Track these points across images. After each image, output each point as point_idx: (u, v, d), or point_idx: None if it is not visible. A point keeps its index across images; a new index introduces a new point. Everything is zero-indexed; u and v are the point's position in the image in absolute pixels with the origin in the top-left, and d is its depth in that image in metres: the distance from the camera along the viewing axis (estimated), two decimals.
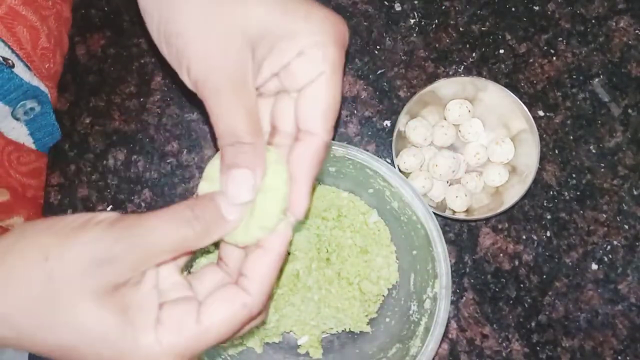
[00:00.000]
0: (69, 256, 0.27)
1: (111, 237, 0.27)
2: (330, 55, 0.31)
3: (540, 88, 0.55)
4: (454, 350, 0.52)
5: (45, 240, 0.27)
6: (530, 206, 0.54)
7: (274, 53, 0.31)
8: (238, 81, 0.30)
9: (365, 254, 0.50)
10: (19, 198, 0.50)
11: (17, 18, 0.44)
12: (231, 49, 0.30)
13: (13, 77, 0.44)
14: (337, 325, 0.50)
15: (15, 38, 0.44)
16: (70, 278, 0.27)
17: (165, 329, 0.28)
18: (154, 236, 0.28)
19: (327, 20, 0.31)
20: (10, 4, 0.43)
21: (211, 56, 0.30)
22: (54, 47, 0.49)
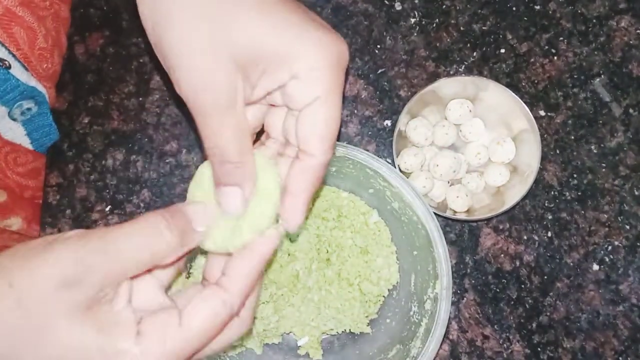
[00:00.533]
0: (35, 279, 0.26)
1: (78, 253, 0.26)
2: (325, 79, 0.30)
3: (541, 88, 0.55)
4: (455, 351, 0.52)
5: (9, 265, 0.26)
6: (531, 206, 0.53)
7: (266, 75, 0.31)
8: (225, 103, 0.30)
9: (366, 254, 0.50)
10: (16, 199, 0.49)
11: (14, 19, 0.43)
12: (219, 71, 0.30)
13: (9, 78, 0.43)
14: (337, 326, 0.50)
15: (12, 39, 0.44)
16: (40, 301, 0.26)
17: (148, 339, 0.28)
18: (123, 250, 0.27)
19: (321, 42, 0.30)
20: (7, 5, 0.43)
21: (199, 76, 0.30)
22: (51, 48, 0.49)
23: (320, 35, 0.30)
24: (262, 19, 0.30)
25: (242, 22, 0.29)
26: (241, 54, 0.30)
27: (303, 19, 0.30)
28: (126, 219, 0.53)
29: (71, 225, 0.53)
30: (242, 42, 0.29)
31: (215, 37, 0.29)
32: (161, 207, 0.54)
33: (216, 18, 0.29)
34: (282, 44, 0.30)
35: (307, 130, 0.31)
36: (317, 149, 0.31)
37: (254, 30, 0.29)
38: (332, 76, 0.31)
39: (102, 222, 0.53)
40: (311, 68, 0.30)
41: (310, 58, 0.30)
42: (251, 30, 0.29)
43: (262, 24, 0.30)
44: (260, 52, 0.30)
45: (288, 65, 0.30)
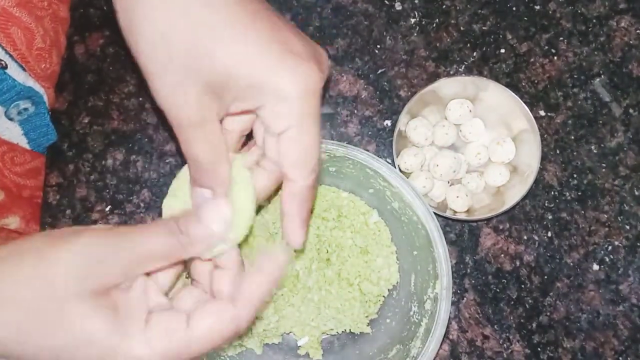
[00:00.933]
0: (62, 258, 0.28)
1: (103, 242, 0.29)
2: (296, 109, 0.31)
3: (541, 88, 0.55)
4: (455, 351, 0.52)
5: (41, 244, 0.29)
6: (531, 206, 0.53)
7: (238, 100, 0.32)
8: (196, 120, 0.31)
9: (366, 254, 0.50)
10: (14, 198, 0.49)
11: (11, 19, 0.43)
12: (191, 95, 0.31)
13: (6, 78, 0.43)
14: (337, 326, 0.50)
15: (9, 39, 0.44)
16: (62, 279, 0.28)
17: (154, 333, 0.29)
18: (143, 244, 0.30)
19: (294, 72, 0.31)
20: (4, 6, 0.43)
21: (172, 95, 0.31)
22: (49, 48, 0.49)
23: (293, 66, 0.31)
24: (236, 47, 0.30)
25: (217, 49, 0.30)
26: (213, 79, 0.31)
27: (279, 46, 0.31)
28: (126, 219, 0.53)
29: (71, 226, 0.53)
30: (216, 69, 0.30)
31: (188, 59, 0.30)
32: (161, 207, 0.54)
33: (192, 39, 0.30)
34: (255, 75, 0.31)
35: (285, 159, 0.33)
36: (298, 175, 0.33)
37: (227, 58, 0.30)
38: (304, 105, 0.31)
39: (102, 222, 0.53)
40: (284, 99, 0.31)
41: (283, 89, 0.31)
42: (225, 58, 0.30)
43: (236, 52, 0.30)
44: (232, 80, 0.31)
45: (260, 95, 0.31)
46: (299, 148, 0.33)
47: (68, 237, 0.29)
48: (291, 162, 0.33)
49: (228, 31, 0.30)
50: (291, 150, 0.33)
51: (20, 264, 0.28)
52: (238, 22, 0.31)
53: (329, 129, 0.55)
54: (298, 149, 0.33)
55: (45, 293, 0.28)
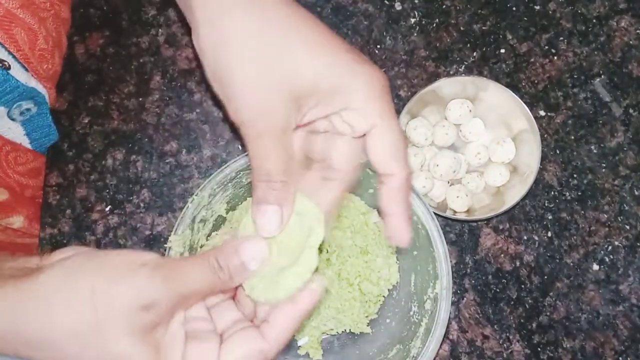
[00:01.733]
0: (116, 298, 0.30)
1: (154, 284, 0.30)
2: (378, 108, 0.34)
3: (541, 88, 0.55)
4: (455, 351, 0.52)
5: (95, 280, 0.30)
6: (531, 206, 0.53)
7: (320, 105, 0.34)
8: (280, 129, 0.33)
9: (366, 254, 0.50)
10: (17, 197, 0.50)
11: (15, 20, 0.43)
12: (278, 102, 0.33)
13: (9, 79, 0.43)
14: (337, 326, 0.50)
15: (12, 40, 0.44)
16: (115, 316, 0.30)
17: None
18: (189, 283, 0.31)
19: (370, 75, 0.34)
20: (8, 7, 0.43)
21: (259, 105, 0.33)
22: (52, 49, 0.49)
23: (367, 70, 0.34)
24: (314, 56, 0.33)
25: (303, 61, 0.33)
26: (299, 90, 0.33)
27: (348, 54, 0.34)
28: (126, 219, 0.53)
29: (71, 225, 0.53)
30: (301, 80, 0.33)
31: (275, 74, 0.32)
32: (161, 207, 0.54)
33: (276, 56, 0.33)
34: (338, 79, 0.33)
35: (380, 156, 0.35)
36: (395, 168, 0.34)
37: (314, 69, 0.33)
38: (384, 104, 0.34)
39: (102, 222, 0.53)
40: (365, 99, 0.33)
41: (362, 91, 0.33)
42: (311, 69, 0.33)
43: (314, 61, 0.33)
44: (317, 87, 0.33)
45: (342, 98, 0.33)
46: (391, 141, 0.34)
47: (121, 276, 0.30)
48: (387, 156, 0.34)
49: (305, 48, 0.33)
50: (384, 144, 0.34)
51: (74, 294, 0.30)
52: (312, 41, 0.33)
53: None
54: (390, 143, 0.34)
55: (97, 325, 0.30)
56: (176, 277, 0.31)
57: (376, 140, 0.34)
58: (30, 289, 0.30)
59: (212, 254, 0.33)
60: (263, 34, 0.33)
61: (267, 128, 0.33)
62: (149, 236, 0.53)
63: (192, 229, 0.46)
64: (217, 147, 0.54)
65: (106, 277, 0.30)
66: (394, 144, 0.34)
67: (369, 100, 0.34)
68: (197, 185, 0.53)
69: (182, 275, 0.31)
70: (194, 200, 0.45)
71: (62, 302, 0.30)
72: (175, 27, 0.56)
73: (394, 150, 0.34)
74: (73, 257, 0.32)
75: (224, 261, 0.32)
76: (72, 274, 0.31)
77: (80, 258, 0.32)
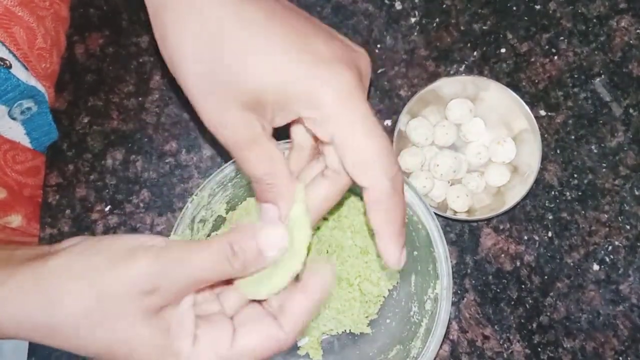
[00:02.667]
0: (118, 282, 0.29)
1: (158, 269, 0.29)
2: (337, 116, 0.31)
3: (541, 87, 0.55)
4: (455, 352, 0.52)
5: (98, 263, 0.30)
6: (531, 206, 0.53)
7: (277, 114, 0.32)
8: (247, 139, 0.32)
9: (366, 254, 0.50)
10: (16, 196, 0.49)
11: (14, 18, 0.43)
12: (228, 112, 0.31)
13: (10, 77, 0.43)
14: (337, 326, 0.50)
15: (12, 38, 0.44)
16: (118, 300, 0.29)
17: (201, 346, 0.30)
18: (196, 269, 0.30)
19: (327, 77, 0.30)
20: (7, 5, 0.43)
21: (212, 116, 0.31)
22: (50, 48, 0.49)
23: (323, 72, 0.30)
24: (265, 60, 0.30)
25: (248, 64, 0.30)
26: (249, 95, 0.31)
27: (306, 55, 0.30)
28: (126, 219, 0.53)
29: (71, 226, 0.53)
30: (248, 84, 0.30)
31: (222, 84, 0.30)
32: (161, 207, 0.54)
33: (221, 56, 0.30)
34: (287, 87, 0.30)
35: (349, 167, 0.32)
36: (370, 179, 0.31)
37: (257, 72, 0.30)
38: (345, 110, 0.30)
39: (101, 222, 0.53)
40: (321, 107, 0.30)
41: (317, 98, 0.30)
42: (255, 73, 0.30)
43: (265, 65, 0.30)
44: (266, 94, 0.31)
45: (296, 107, 0.31)
46: (359, 149, 0.31)
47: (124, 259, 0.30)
48: (356, 167, 0.31)
49: (255, 43, 0.30)
50: (348, 156, 0.31)
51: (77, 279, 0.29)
52: (262, 34, 0.30)
53: None
54: (358, 151, 0.31)
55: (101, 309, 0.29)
56: (183, 263, 0.30)
57: (340, 150, 0.31)
58: (41, 273, 0.30)
59: (226, 239, 0.31)
60: (215, 33, 0.30)
61: (230, 140, 0.32)
62: None
63: (192, 229, 0.46)
64: (217, 147, 0.54)
65: (106, 262, 0.30)
66: (362, 154, 0.31)
67: (325, 108, 0.30)
68: (197, 185, 0.53)
69: (189, 260, 0.30)
70: (194, 200, 0.45)
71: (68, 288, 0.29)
72: None
73: (366, 158, 0.31)
74: (82, 242, 0.31)
75: (240, 246, 0.31)
76: (77, 260, 0.30)
77: (87, 244, 0.31)
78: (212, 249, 0.31)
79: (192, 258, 0.30)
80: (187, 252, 0.30)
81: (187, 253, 0.30)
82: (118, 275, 0.29)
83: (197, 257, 0.30)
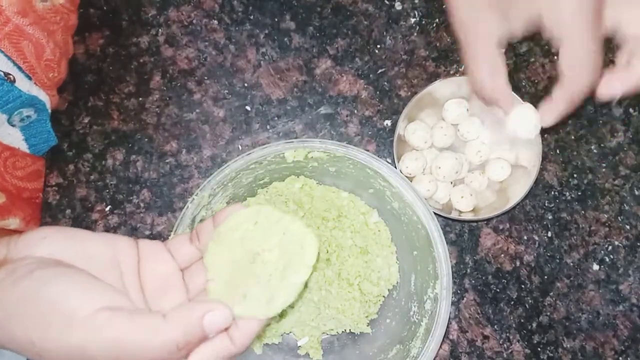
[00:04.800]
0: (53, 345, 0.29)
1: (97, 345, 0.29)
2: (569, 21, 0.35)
3: (541, 87, 0.55)
4: (455, 351, 0.52)
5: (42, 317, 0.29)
6: (531, 206, 0.53)
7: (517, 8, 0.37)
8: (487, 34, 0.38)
9: (366, 254, 0.50)
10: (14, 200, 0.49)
11: (23, 35, 0.43)
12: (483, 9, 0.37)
13: (12, 90, 0.43)
14: (337, 326, 0.50)
15: (19, 52, 0.43)
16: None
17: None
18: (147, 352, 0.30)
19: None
20: (18, 23, 0.42)
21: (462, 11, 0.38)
22: (59, 59, 0.49)
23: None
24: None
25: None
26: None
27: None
28: (126, 219, 0.53)
29: (71, 225, 0.53)
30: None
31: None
32: (161, 207, 0.54)
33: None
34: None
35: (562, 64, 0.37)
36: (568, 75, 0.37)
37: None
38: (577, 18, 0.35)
39: (101, 222, 0.53)
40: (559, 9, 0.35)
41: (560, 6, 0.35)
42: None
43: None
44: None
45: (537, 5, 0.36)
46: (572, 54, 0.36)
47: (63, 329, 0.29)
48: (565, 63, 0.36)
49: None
50: (565, 55, 0.36)
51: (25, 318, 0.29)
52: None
53: (329, 129, 0.55)
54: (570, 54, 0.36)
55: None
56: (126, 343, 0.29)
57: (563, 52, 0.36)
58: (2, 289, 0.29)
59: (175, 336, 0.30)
60: None
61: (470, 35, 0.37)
62: (149, 236, 0.53)
63: (192, 229, 0.46)
64: (217, 147, 0.54)
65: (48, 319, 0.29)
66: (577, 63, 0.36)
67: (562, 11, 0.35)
68: (197, 185, 0.53)
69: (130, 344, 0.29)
70: (194, 200, 0.45)
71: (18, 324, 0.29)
72: (175, 27, 0.56)
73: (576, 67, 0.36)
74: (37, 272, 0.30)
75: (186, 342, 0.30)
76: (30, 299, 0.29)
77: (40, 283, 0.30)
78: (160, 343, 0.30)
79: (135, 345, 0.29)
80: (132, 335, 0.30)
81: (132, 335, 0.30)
82: (59, 338, 0.29)
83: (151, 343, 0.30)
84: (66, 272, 0.31)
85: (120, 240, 0.34)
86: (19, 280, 0.30)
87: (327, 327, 0.50)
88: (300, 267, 0.33)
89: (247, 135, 0.54)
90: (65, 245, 0.32)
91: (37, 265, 0.30)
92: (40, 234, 0.32)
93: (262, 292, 0.33)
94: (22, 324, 0.29)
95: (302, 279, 0.33)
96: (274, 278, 0.33)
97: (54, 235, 0.32)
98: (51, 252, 0.32)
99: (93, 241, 0.33)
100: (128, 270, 0.34)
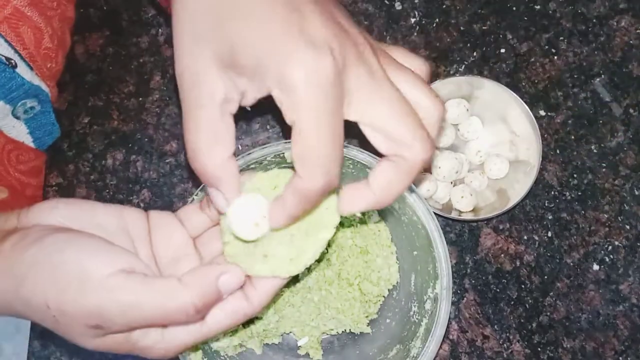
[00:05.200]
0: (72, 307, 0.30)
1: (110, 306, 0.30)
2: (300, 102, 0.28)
3: (541, 87, 0.55)
4: (455, 351, 0.52)
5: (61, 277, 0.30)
6: (531, 206, 0.53)
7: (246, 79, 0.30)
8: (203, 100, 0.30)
9: (366, 254, 0.50)
10: (17, 196, 0.49)
11: (22, 19, 0.44)
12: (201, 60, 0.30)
13: (15, 77, 0.43)
14: (337, 326, 0.50)
15: (19, 38, 0.44)
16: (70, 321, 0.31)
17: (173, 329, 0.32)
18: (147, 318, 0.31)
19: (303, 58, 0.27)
20: (16, 5, 0.43)
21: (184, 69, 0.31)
22: (56, 48, 0.49)
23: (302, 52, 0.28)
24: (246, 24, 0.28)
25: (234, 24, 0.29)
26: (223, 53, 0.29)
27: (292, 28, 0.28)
28: None
29: None
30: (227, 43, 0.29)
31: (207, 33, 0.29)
32: (161, 208, 0.54)
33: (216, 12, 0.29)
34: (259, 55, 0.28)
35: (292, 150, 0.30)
36: (301, 172, 0.30)
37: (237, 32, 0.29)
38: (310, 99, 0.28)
39: None
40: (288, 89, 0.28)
41: (287, 77, 0.28)
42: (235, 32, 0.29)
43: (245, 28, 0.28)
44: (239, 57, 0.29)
45: (266, 80, 0.29)
46: (303, 144, 0.29)
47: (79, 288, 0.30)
48: (295, 155, 0.29)
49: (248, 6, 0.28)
50: (295, 145, 0.29)
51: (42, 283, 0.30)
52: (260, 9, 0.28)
53: None
54: (302, 145, 0.29)
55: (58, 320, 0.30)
56: (142, 306, 0.30)
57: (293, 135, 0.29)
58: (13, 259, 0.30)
59: (191, 298, 0.31)
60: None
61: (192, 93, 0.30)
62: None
63: None
64: None
65: (66, 280, 0.30)
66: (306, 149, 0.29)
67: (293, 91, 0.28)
68: (197, 185, 0.53)
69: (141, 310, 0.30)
70: (194, 200, 0.45)
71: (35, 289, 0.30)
72: None
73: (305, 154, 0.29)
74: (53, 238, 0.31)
75: (203, 304, 0.31)
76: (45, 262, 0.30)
77: (57, 245, 0.31)
78: (177, 305, 0.31)
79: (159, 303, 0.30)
80: (150, 293, 0.30)
81: (150, 294, 0.30)
82: (75, 300, 0.30)
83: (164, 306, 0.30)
84: (79, 237, 0.31)
85: (130, 211, 0.35)
86: (29, 246, 0.30)
87: (327, 327, 0.50)
88: (326, 225, 0.34)
89: (247, 135, 0.54)
90: (75, 214, 0.33)
91: (49, 232, 0.31)
92: (50, 203, 0.33)
93: (285, 250, 0.34)
94: (36, 288, 0.30)
95: (329, 234, 0.34)
96: (297, 238, 0.34)
97: (63, 205, 0.33)
98: (61, 221, 0.32)
99: (102, 210, 0.34)
100: (139, 240, 0.35)
